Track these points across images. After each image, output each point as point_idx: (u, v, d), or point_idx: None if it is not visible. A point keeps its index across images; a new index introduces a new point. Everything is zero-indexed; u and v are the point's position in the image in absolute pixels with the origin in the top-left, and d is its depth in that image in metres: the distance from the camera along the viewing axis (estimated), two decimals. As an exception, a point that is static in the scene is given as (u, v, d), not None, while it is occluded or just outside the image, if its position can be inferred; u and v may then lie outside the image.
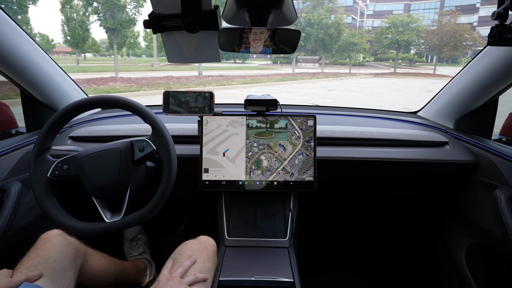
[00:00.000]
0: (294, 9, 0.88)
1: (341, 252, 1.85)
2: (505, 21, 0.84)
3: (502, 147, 1.16)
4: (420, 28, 26.60)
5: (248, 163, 1.17)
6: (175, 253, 0.99)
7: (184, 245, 1.02)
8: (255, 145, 1.16)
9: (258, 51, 0.91)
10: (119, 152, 0.94)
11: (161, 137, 0.94)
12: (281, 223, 1.25)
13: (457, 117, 1.40)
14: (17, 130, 1.43)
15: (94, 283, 1.04)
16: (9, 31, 1.05)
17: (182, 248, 1.00)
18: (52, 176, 0.94)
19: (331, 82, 15.25)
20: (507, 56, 1.07)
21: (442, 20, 24.19)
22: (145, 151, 0.96)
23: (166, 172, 0.93)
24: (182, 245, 1.02)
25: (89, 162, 0.94)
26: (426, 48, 26.96)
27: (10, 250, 1.10)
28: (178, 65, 20.04)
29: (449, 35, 23.41)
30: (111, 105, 0.97)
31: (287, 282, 1.00)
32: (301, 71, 22.22)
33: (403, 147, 1.30)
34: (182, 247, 1.01)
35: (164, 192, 0.93)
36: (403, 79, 18.69)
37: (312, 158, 1.17)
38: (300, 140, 1.17)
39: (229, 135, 1.16)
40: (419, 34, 26.16)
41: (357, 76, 19.81)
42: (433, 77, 20.08)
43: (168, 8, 0.66)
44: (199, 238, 1.06)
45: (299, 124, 1.17)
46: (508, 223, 1.00)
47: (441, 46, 24.23)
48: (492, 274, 1.21)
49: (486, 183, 1.16)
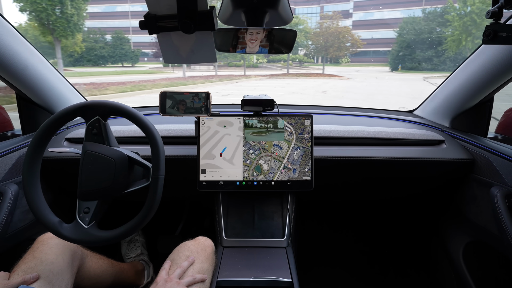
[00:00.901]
0: (290, 9, 0.88)
1: (339, 252, 1.85)
2: (500, 20, 0.84)
3: (498, 145, 1.17)
4: (307, 29, 28.40)
5: (248, 170, 1.17)
6: (173, 254, 0.99)
7: (182, 246, 1.02)
8: (251, 152, 1.16)
9: (255, 51, 0.91)
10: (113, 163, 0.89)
11: (154, 182, 0.87)
12: (278, 223, 1.25)
13: (453, 115, 1.41)
14: (13, 132, 1.42)
15: (92, 285, 1.04)
16: (4, 33, 1.04)
17: (180, 249, 1.00)
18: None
19: (225, 86, 14.19)
20: (501, 55, 1.07)
21: (326, 22, 26.48)
22: (141, 184, 0.92)
23: (144, 210, 0.87)
24: (180, 246, 1.02)
25: (90, 158, 0.91)
26: (314, 49, 28.87)
27: (7, 253, 1.10)
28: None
29: (333, 37, 25.59)
30: (113, 113, 0.93)
31: (285, 282, 1.00)
32: (194, 74, 21.51)
33: (399, 146, 1.31)
34: (180, 248, 1.01)
35: (133, 226, 0.87)
36: (296, 79, 18.97)
37: (309, 150, 1.17)
38: (293, 135, 1.17)
39: (226, 136, 1.16)
40: (307, 36, 27.81)
41: (252, 78, 19.38)
42: (323, 76, 20.84)
43: (164, 8, 0.66)
44: (197, 238, 1.06)
45: (288, 120, 1.16)
46: (504, 220, 1.01)
47: (327, 47, 26.27)
48: (489, 272, 1.21)
49: (482, 181, 1.17)
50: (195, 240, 1.05)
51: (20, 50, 1.10)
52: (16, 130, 1.45)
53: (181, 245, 1.02)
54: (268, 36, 0.89)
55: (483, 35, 0.88)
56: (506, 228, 1.00)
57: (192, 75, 20.65)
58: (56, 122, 0.91)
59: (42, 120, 1.34)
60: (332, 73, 22.61)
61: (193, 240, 1.05)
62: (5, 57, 1.06)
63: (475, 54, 1.18)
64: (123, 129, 1.31)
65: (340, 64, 30.96)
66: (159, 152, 0.89)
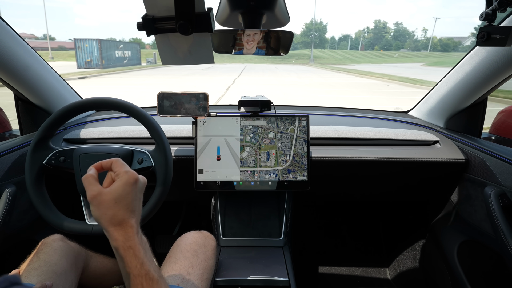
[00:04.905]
0: (286, 11, 0.89)
1: (335, 251, 1.86)
2: (493, 22, 0.86)
3: (491, 145, 1.19)
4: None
5: (245, 171, 1.17)
6: (180, 246, 0.97)
7: (187, 237, 0.99)
8: (248, 152, 1.17)
9: (252, 52, 0.92)
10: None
11: (163, 156, 0.94)
12: (275, 223, 1.26)
13: (447, 116, 1.42)
14: (10, 133, 1.42)
15: (98, 284, 1.03)
16: (4, 35, 1.04)
17: (187, 242, 0.98)
18: (47, 164, 0.94)
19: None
20: (495, 56, 1.09)
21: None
22: (143, 164, 0.96)
23: (157, 192, 0.93)
24: (185, 236, 1.00)
25: (86, 160, 0.94)
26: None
27: (6, 254, 1.10)
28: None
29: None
30: (111, 107, 0.97)
31: (282, 281, 1.01)
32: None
33: (395, 146, 1.32)
34: (185, 240, 0.98)
35: (151, 209, 0.92)
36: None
37: (305, 150, 1.17)
38: (290, 136, 1.17)
39: (223, 136, 1.17)
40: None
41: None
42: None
43: (162, 10, 0.66)
44: (203, 231, 1.05)
45: (285, 120, 1.17)
46: (498, 220, 1.02)
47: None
48: (483, 271, 1.23)
49: (476, 181, 1.18)
50: (201, 232, 1.04)
51: (17, 50, 1.10)
52: (14, 131, 1.44)
53: (187, 236, 1.00)
54: (265, 37, 0.89)
55: (476, 37, 0.89)
56: (500, 227, 1.01)
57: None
58: (72, 110, 0.97)
59: (40, 120, 1.34)
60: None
61: (199, 232, 1.03)
62: (3, 57, 1.06)
63: (469, 55, 1.20)
64: (120, 129, 1.31)
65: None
66: (166, 152, 0.95)
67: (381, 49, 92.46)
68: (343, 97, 10.23)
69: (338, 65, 35.51)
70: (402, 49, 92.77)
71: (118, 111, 0.99)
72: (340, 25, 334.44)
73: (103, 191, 0.59)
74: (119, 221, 0.59)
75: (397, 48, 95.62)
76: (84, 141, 1.29)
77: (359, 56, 58.59)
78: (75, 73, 16.91)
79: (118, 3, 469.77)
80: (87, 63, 22.53)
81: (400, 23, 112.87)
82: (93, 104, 0.98)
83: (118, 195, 0.59)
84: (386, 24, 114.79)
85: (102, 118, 1.50)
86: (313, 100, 9.56)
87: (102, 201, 0.58)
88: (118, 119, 1.50)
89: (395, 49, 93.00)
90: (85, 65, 22.42)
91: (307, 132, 1.17)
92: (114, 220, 0.58)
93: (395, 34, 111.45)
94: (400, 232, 1.78)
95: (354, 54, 64.54)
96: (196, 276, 0.88)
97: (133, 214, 0.61)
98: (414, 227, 1.66)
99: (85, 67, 22.31)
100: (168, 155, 0.95)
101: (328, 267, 1.77)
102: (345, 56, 57.75)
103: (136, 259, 0.58)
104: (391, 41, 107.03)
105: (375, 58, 53.86)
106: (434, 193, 1.46)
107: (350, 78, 18.77)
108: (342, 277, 1.73)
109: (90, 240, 0.99)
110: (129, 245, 0.58)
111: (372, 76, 18.87)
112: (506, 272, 1.11)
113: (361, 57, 55.99)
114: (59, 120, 0.97)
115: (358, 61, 45.28)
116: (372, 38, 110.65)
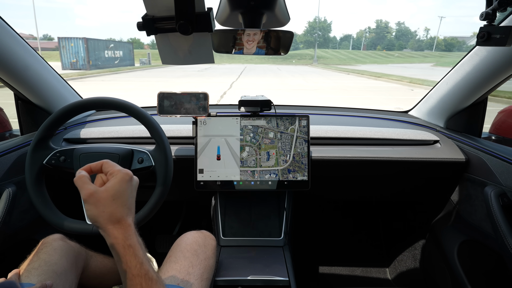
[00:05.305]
0: (286, 10, 0.89)
1: (336, 251, 1.86)
2: (493, 22, 0.86)
3: (492, 145, 1.19)
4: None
5: (246, 170, 1.17)
6: (180, 245, 0.96)
7: (188, 237, 0.99)
8: (248, 152, 1.17)
9: (252, 52, 0.92)
10: (118, 158, 0.95)
11: (163, 156, 0.95)
12: (276, 222, 1.26)
13: (447, 116, 1.42)
14: (11, 132, 1.43)
15: (98, 284, 1.03)
16: (4, 35, 1.05)
17: (187, 241, 0.97)
18: (47, 163, 0.95)
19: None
20: (495, 56, 1.09)
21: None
22: (143, 164, 0.97)
23: (157, 192, 0.93)
24: (185, 236, 0.99)
25: (86, 160, 0.94)
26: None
27: (5, 253, 1.10)
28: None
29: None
30: (111, 107, 0.98)
31: (282, 280, 1.01)
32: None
33: (395, 146, 1.32)
34: (186, 239, 0.98)
35: (151, 209, 0.93)
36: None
37: (305, 150, 1.17)
38: (290, 136, 1.18)
39: (224, 136, 1.17)
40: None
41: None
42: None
43: (162, 10, 0.66)
44: (203, 231, 1.04)
45: (285, 120, 1.17)
46: (498, 220, 1.02)
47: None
48: (484, 270, 1.23)
49: (476, 181, 1.18)
50: (201, 232, 1.03)
51: (17, 50, 1.11)
52: (14, 131, 1.45)
53: (187, 235, 0.99)
54: (265, 37, 0.90)
55: (477, 37, 0.89)
56: (500, 227, 1.01)
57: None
58: (72, 110, 0.97)
59: (40, 120, 1.34)
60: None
61: (200, 232, 1.02)
62: (6, 58, 1.06)
63: (469, 55, 1.20)
64: (120, 129, 1.31)
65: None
66: (159, 132, 0.95)
67: (384, 49, 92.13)
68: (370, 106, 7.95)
69: (343, 66, 35.10)
70: (405, 49, 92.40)
71: (118, 111, 0.99)
72: (341, 25, 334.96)
73: (99, 189, 0.59)
74: (117, 218, 0.59)
75: (400, 48, 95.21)
76: (84, 141, 1.29)
77: (364, 56, 58.33)
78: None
79: (118, 3, 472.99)
80: (73, 64, 21.05)
81: (402, 22, 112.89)
82: (93, 104, 0.98)
83: (116, 191, 0.59)
84: (388, 24, 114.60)
85: (102, 118, 1.51)
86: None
87: (99, 198, 0.58)
88: (118, 119, 1.51)
89: (398, 49, 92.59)
90: (70, 66, 20.92)
91: (307, 132, 1.17)
92: (112, 217, 0.58)
93: (397, 34, 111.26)
94: (400, 232, 1.78)
95: (358, 54, 64.23)
96: (196, 275, 0.87)
97: (130, 212, 0.61)
98: (414, 227, 1.66)
99: (70, 68, 20.81)
100: (168, 155, 0.95)
101: (328, 267, 1.77)
102: (349, 56, 57.54)
103: (135, 258, 0.58)
104: (394, 41, 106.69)
105: (380, 58, 53.59)
106: (434, 193, 1.46)
107: (362, 80, 17.21)
108: (342, 276, 1.73)
109: (90, 240, 0.99)
110: (129, 243, 0.58)
111: (389, 78, 17.08)
112: (506, 272, 1.11)
113: (366, 57, 55.71)
114: (59, 120, 0.97)
115: (363, 61, 45.04)
116: (374, 38, 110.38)
